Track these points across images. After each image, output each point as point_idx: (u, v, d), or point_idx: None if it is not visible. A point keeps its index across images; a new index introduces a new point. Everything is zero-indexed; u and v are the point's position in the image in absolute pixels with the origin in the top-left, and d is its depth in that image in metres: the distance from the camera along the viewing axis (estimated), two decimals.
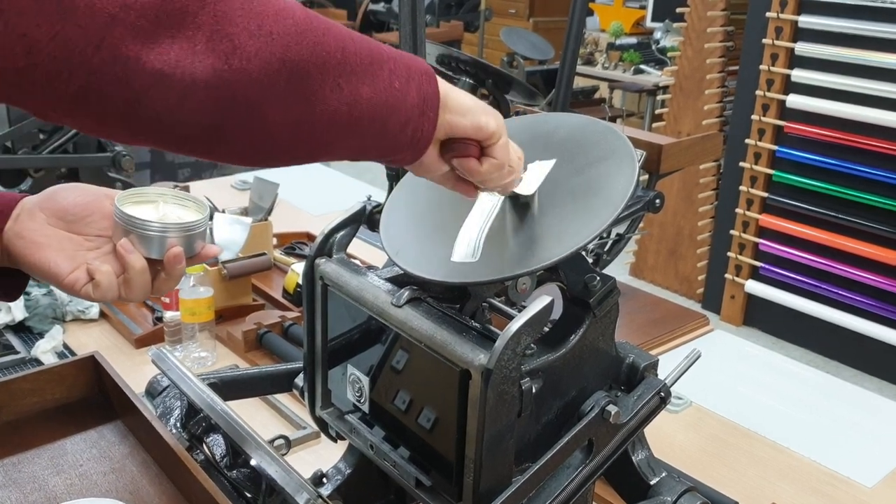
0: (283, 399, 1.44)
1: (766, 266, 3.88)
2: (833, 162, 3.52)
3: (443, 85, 0.73)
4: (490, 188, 0.80)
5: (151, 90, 0.58)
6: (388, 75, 0.68)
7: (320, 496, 0.83)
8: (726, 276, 4.06)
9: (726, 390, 1.58)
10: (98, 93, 0.57)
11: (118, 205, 0.83)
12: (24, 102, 0.59)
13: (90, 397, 1.07)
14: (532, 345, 0.77)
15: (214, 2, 0.59)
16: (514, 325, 0.71)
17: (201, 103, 0.60)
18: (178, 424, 1.01)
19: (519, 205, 0.84)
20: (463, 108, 0.73)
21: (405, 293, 0.81)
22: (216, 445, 0.98)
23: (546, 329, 0.81)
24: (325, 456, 1.25)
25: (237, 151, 0.66)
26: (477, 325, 0.79)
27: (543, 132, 0.92)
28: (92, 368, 1.08)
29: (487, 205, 0.85)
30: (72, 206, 0.85)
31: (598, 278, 0.82)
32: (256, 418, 1.40)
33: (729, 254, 4.02)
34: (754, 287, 3.94)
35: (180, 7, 0.58)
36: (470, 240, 0.82)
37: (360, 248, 1.99)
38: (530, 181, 0.84)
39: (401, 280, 0.87)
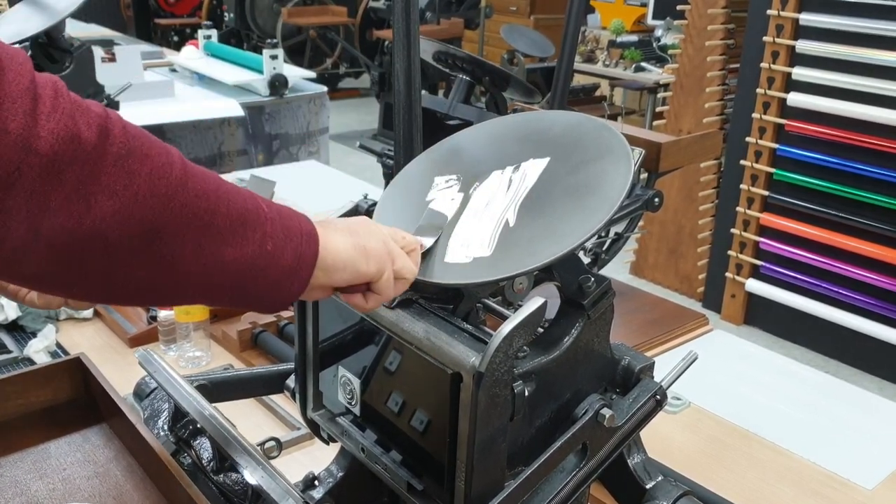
0: (277, 399, 1.43)
1: (767, 265, 3.86)
2: (834, 160, 3.51)
3: (323, 243, 0.72)
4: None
5: None
6: (260, 237, 0.67)
7: (306, 502, 0.81)
8: (727, 274, 4.04)
9: (725, 391, 1.56)
10: None
11: None
12: None
13: (76, 400, 1.06)
14: (525, 347, 0.76)
15: (85, 159, 0.56)
16: (507, 327, 0.69)
17: (44, 257, 0.57)
18: (166, 427, 1.00)
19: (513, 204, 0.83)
20: (339, 264, 0.73)
21: None
22: (203, 449, 0.97)
23: (540, 330, 0.80)
24: (319, 457, 1.23)
25: (87, 297, 0.66)
26: (469, 326, 0.78)
27: (538, 130, 0.90)
28: (78, 370, 1.06)
29: (481, 202, 0.84)
30: None
31: (593, 279, 0.80)
32: (250, 419, 1.38)
33: (730, 252, 4.01)
34: (755, 286, 3.92)
35: (48, 161, 0.54)
36: (483, 236, 0.80)
37: None
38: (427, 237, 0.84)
39: None
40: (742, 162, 3.83)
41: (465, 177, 0.89)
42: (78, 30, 4.77)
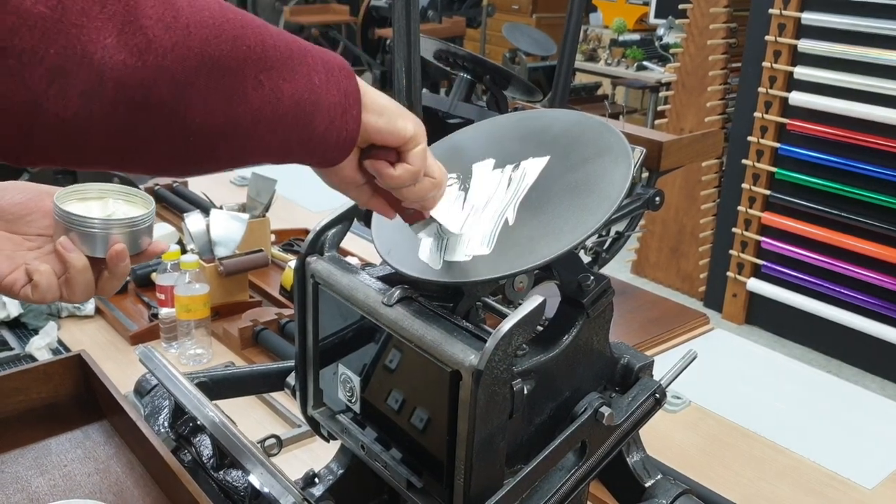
0: (277, 397, 1.43)
1: (769, 264, 3.86)
2: (836, 159, 3.50)
3: (360, 83, 0.69)
4: (409, 202, 0.76)
5: (51, 90, 0.52)
6: (307, 71, 0.64)
7: (306, 499, 0.81)
8: (728, 274, 4.04)
9: (725, 390, 1.56)
10: None
11: (57, 202, 0.81)
12: None
13: (76, 396, 1.06)
14: (524, 345, 0.76)
15: None
16: (506, 326, 0.69)
17: (110, 105, 0.54)
18: (166, 424, 1.00)
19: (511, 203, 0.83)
20: (380, 107, 0.70)
21: (396, 292, 0.80)
22: (203, 446, 0.97)
23: (539, 329, 0.80)
24: (319, 454, 1.24)
25: (152, 160, 0.61)
26: (468, 325, 0.78)
27: (537, 128, 0.90)
28: (79, 367, 1.06)
29: (481, 201, 0.84)
30: (10, 205, 0.82)
31: (592, 278, 0.80)
32: (251, 416, 1.39)
33: (731, 252, 4.01)
34: (756, 285, 3.92)
35: None
36: (483, 234, 0.80)
37: (358, 244, 1.98)
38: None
39: (393, 279, 0.86)
40: (744, 161, 3.83)
41: (464, 175, 0.89)
42: None
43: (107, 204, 0.84)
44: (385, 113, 0.70)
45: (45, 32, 0.51)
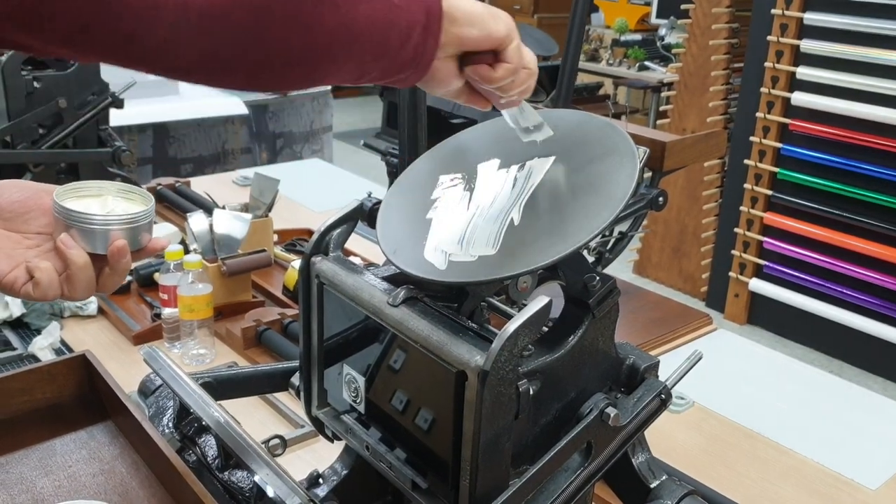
0: (281, 397, 1.43)
1: (771, 264, 3.86)
2: (838, 160, 3.50)
3: None
4: (508, 96, 0.79)
5: (142, 25, 0.58)
6: None
7: (311, 500, 0.81)
8: (730, 274, 4.04)
9: (729, 390, 1.56)
10: (94, 29, 0.57)
11: (57, 199, 0.81)
12: (25, 41, 0.59)
13: (81, 397, 1.06)
14: (530, 346, 0.76)
15: None
16: (512, 326, 0.69)
17: (196, 32, 0.59)
18: (171, 424, 1.00)
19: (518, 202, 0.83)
20: (471, 18, 0.72)
21: (401, 293, 0.80)
22: (208, 446, 0.97)
23: (545, 329, 0.80)
24: (323, 455, 1.23)
25: (239, 79, 0.66)
26: (474, 325, 0.78)
27: None
28: (83, 367, 1.06)
29: (486, 201, 0.84)
30: (9, 203, 0.82)
31: (598, 278, 0.80)
32: (254, 416, 1.39)
33: (733, 252, 4.00)
34: (758, 285, 3.92)
35: None
36: (488, 235, 0.80)
37: (361, 244, 1.98)
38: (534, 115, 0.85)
39: (398, 279, 0.85)
40: (746, 161, 3.83)
41: (470, 175, 0.89)
42: None
43: (105, 201, 0.84)
44: (476, 22, 0.72)
45: None
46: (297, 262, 1.82)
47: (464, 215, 0.84)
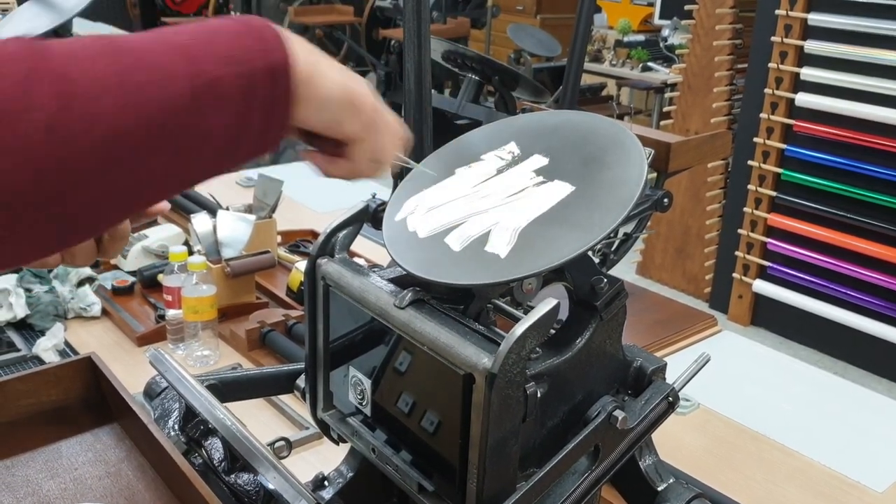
0: (285, 399, 1.43)
1: (774, 266, 3.85)
2: (842, 161, 3.49)
3: (300, 70, 0.59)
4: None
5: None
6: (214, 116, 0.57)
7: (317, 502, 0.81)
8: (734, 275, 4.03)
9: (734, 392, 1.56)
10: None
11: None
12: None
13: (87, 399, 1.05)
14: (537, 348, 0.75)
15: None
16: (520, 328, 0.69)
17: None
18: (177, 427, 1.00)
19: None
20: (322, 100, 0.62)
21: (408, 294, 0.80)
22: (214, 449, 0.96)
23: (552, 332, 0.79)
24: (328, 457, 1.23)
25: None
26: (481, 327, 0.77)
27: (549, 130, 0.90)
28: (89, 369, 1.06)
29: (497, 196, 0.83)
30: None
31: (606, 280, 0.80)
32: (259, 419, 1.38)
33: (737, 253, 4.00)
34: (762, 287, 3.91)
35: None
36: (508, 233, 0.79)
37: (365, 246, 1.97)
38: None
39: (404, 281, 0.85)
40: (750, 162, 3.82)
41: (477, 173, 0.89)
42: (85, 28, 4.77)
43: None
44: (327, 109, 0.63)
45: None
46: (300, 264, 1.82)
47: (468, 218, 0.84)
